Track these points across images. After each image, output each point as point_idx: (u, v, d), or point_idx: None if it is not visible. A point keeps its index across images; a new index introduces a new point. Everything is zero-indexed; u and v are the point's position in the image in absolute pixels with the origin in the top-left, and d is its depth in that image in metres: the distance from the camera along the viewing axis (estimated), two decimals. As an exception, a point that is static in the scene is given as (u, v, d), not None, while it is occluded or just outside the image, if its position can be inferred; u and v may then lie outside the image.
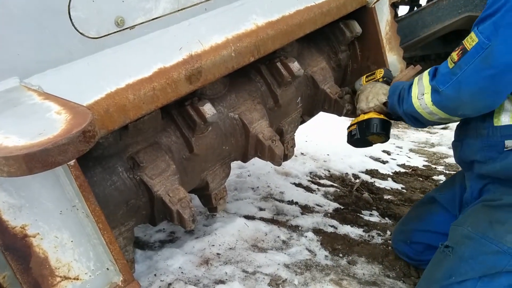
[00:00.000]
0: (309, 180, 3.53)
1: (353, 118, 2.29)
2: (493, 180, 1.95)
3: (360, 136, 2.16)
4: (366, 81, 2.32)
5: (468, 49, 1.69)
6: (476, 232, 1.89)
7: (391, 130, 2.21)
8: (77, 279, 1.29)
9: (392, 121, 2.19)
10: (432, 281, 1.97)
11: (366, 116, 2.16)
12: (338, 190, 3.39)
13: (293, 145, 2.44)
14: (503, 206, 1.87)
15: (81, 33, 1.30)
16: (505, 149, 1.82)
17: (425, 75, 1.92)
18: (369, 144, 2.24)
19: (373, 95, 2.18)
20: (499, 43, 1.60)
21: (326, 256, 2.46)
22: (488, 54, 1.62)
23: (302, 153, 4.11)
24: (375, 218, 2.98)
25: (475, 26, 1.70)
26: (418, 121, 2.01)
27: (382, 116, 2.14)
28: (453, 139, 2.15)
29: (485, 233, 1.85)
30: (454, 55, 1.76)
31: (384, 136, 2.14)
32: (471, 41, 1.69)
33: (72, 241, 1.28)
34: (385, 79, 2.25)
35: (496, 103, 1.77)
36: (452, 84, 1.74)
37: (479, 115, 1.84)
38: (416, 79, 1.99)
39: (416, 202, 2.57)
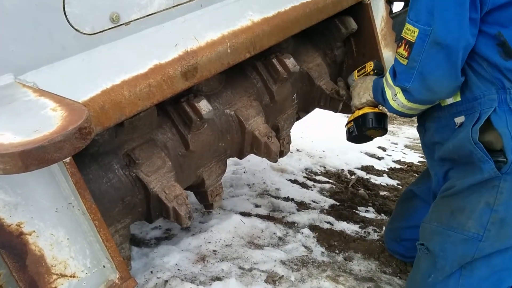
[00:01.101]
0: (305, 177, 3.53)
1: (349, 115, 2.29)
2: (452, 165, 1.92)
3: (358, 133, 2.16)
4: (357, 76, 2.32)
5: (413, 41, 1.71)
6: (441, 225, 1.89)
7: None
8: (74, 276, 1.28)
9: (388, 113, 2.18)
10: (415, 283, 2.00)
11: (360, 112, 2.16)
12: (334, 186, 3.40)
13: (289, 142, 2.44)
14: (458, 192, 1.85)
15: (76, 30, 1.29)
16: (456, 127, 1.82)
17: (388, 76, 1.93)
18: (369, 139, 2.25)
19: (364, 90, 2.18)
20: (439, 24, 1.64)
21: (322, 252, 2.47)
22: (434, 38, 1.66)
23: (297, 150, 4.11)
24: (371, 214, 2.99)
25: (407, 19, 1.75)
26: (409, 115, 2.02)
27: (376, 110, 2.14)
28: None
29: (449, 224, 1.86)
30: (402, 51, 1.77)
31: (381, 129, 2.15)
32: (411, 33, 1.72)
33: (68, 239, 1.27)
34: (375, 71, 2.25)
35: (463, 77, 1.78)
36: (415, 78, 1.76)
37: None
38: (384, 80, 1.99)
39: (398, 198, 2.59)
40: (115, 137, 1.61)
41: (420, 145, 2.30)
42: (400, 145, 4.82)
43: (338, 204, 3.08)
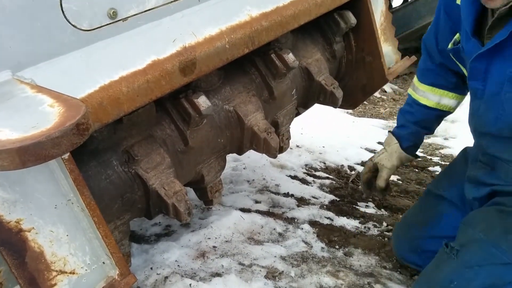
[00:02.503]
0: (304, 173, 3.53)
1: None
2: (506, 165, 1.85)
3: None
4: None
5: None
6: (488, 239, 1.78)
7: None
8: (73, 273, 1.28)
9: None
10: (432, 282, 1.89)
11: None
12: (334, 182, 3.40)
13: (289, 137, 2.44)
14: None
15: (73, 26, 1.29)
16: None
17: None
18: None
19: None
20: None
21: (322, 248, 2.47)
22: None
23: (297, 146, 4.11)
24: (371, 209, 2.99)
25: None
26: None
27: None
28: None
29: (498, 243, 1.75)
30: None
31: None
32: None
33: (67, 235, 1.27)
34: None
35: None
36: None
37: None
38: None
39: (417, 203, 2.43)
40: (113, 134, 1.61)
41: None
42: (400, 140, 4.81)
43: (338, 199, 3.08)
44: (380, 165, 2.44)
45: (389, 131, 2.47)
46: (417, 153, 2.48)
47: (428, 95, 2.28)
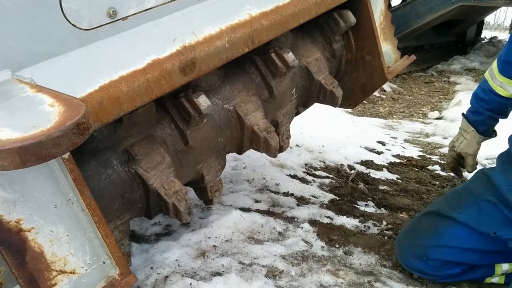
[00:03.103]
0: (304, 172, 3.53)
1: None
2: None
3: None
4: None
5: None
6: None
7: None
8: (73, 273, 1.28)
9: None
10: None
11: None
12: (334, 181, 3.40)
13: (288, 137, 2.44)
14: None
15: (73, 25, 1.29)
16: None
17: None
18: None
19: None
20: None
21: (322, 247, 2.47)
22: None
23: (297, 145, 4.11)
24: (370, 208, 2.99)
25: None
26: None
27: None
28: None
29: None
30: None
31: None
32: None
33: (67, 235, 1.27)
34: None
35: None
36: None
37: None
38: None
39: (420, 214, 2.38)
40: (113, 133, 1.60)
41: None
42: (400, 139, 4.82)
43: (338, 198, 3.08)
44: (464, 153, 2.54)
45: (462, 114, 2.53)
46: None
47: (506, 87, 2.26)
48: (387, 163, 4.01)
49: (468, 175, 2.83)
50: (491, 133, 2.48)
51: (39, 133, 0.96)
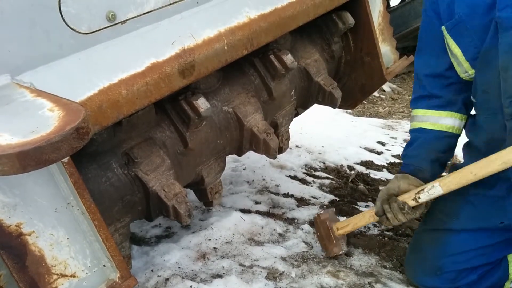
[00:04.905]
0: (304, 173, 3.53)
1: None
2: None
3: None
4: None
5: None
6: None
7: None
8: (74, 276, 1.29)
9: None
10: None
11: None
12: (334, 182, 3.40)
13: (288, 138, 2.44)
14: None
15: (72, 29, 1.29)
16: None
17: None
18: None
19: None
20: None
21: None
22: None
23: (297, 146, 4.11)
24: (370, 209, 2.99)
25: None
26: None
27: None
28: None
29: None
30: None
31: None
32: None
33: (68, 239, 1.27)
34: None
35: None
36: None
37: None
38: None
39: (420, 231, 2.29)
40: (113, 136, 1.61)
41: None
42: (399, 139, 4.82)
43: (338, 199, 3.08)
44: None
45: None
46: None
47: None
48: (387, 163, 4.01)
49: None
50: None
51: (38, 138, 0.96)
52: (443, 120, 2.04)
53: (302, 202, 2.99)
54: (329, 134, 4.41)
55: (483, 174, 1.76)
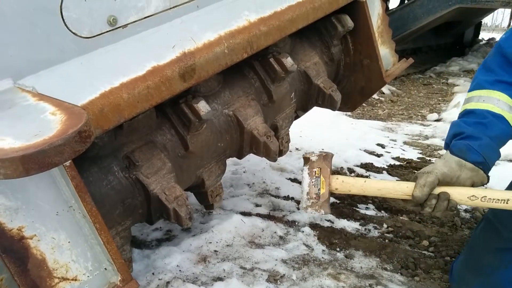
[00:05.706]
0: (304, 175, 3.53)
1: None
2: None
3: None
4: None
5: None
6: None
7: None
8: (75, 279, 1.29)
9: None
10: None
11: None
12: (334, 184, 3.40)
13: (288, 141, 2.45)
14: None
15: (73, 33, 1.30)
16: None
17: None
18: None
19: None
20: None
21: (323, 250, 2.47)
22: None
23: (297, 148, 4.12)
24: (371, 211, 2.99)
25: None
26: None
27: None
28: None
29: None
30: None
31: None
32: None
33: (69, 242, 1.27)
34: None
35: None
36: None
37: None
38: None
39: (478, 251, 2.10)
40: (114, 140, 1.61)
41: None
42: (399, 141, 4.83)
43: (338, 202, 3.08)
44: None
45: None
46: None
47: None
48: (387, 165, 4.02)
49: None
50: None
51: (41, 142, 0.97)
52: None
53: (302, 204, 2.99)
54: (329, 136, 4.42)
55: None
